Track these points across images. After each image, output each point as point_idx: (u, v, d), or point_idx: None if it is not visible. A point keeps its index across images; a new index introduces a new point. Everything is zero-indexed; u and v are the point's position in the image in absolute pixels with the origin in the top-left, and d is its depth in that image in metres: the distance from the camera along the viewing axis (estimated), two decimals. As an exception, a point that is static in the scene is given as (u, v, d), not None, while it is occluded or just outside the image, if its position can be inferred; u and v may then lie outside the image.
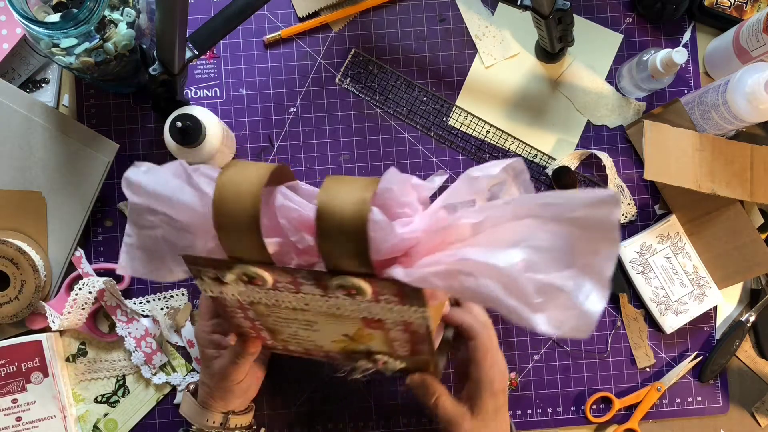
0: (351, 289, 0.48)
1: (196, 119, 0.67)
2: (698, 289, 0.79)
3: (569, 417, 0.80)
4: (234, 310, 0.56)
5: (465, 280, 0.46)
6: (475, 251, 0.47)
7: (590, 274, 0.45)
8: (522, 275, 0.45)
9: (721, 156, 0.75)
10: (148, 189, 0.52)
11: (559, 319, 0.46)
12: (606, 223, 0.44)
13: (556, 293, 0.46)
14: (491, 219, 0.48)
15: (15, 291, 0.72)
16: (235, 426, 0.66)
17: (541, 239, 0.46)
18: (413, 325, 0.51)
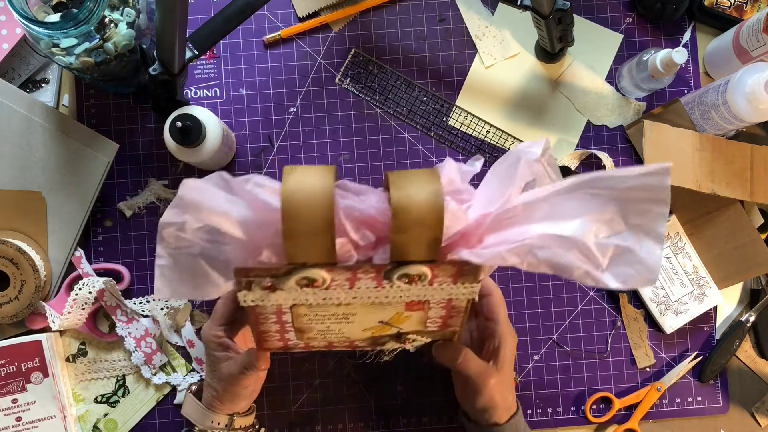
0: (414, 276, 0.51)
1: (196, 119, 0.67)
2: (698, 289, 0.79)
3: (569, 417, 0.80)
4: (267, 316, 0.56)
5: (539, 252, 0.51)
6: (542, 226, 0.52)
7: (645, 232, 0.51)
8: (590, 241, 0.51)
9: (721, 156, 0.75)
10: (202, 206, 0.51)
11: (626, 275, 0.51)
12: (658, 187, 0.50)
13: (620, 253, 0.51)
14: (546, 197, 0.52)
15: (15, 291, 0.72)
16: (239, 427, 0.66)
17: (596, 208, 0.51)
18: (455, 301, 0.55)
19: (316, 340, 0.61)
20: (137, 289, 0.78)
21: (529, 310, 0.80)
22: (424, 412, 0.79)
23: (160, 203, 0.78)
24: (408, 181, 0.49)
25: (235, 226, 0.51)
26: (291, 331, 0.59)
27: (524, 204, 0.52)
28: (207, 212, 0.50)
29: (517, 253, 0.51)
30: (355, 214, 0.51)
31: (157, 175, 0.78)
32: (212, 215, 0.51)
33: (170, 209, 0.51)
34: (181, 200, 0.51)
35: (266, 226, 0.51)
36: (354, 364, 0.78)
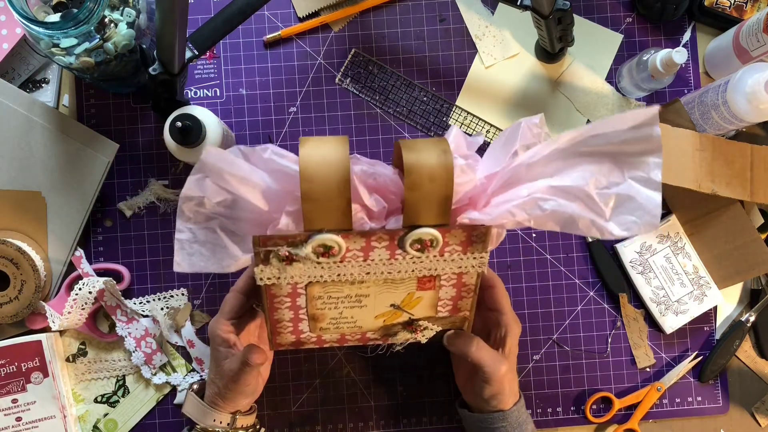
0: (426, 242, 0.53)
1: (196, 119, 0.67)
2: (698, 289, 0.79)
3: (569, 417, 0.80)
4: (282, 299, 0.57)
5: (545, 205, 0.54)
6: (545, 181, 0.55)
7: (642, 181, 0.54)
8: (591, 190, 0.54)
9: (721, 156, 0.75)
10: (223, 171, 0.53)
11: (629, 222, 0.54)
12: (649, 137, 0.52)
13: (621, 202, 0.54)
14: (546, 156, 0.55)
15: (15, 291, 0.72)
16: (240, 426, 0.66)
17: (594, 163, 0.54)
18: (465, 276, 0.57)
19: (328, 332, 0.62)
20: (137, 289, 0.78)
21: (529, 310, 0.80)
22: (424, 412, 0.79)
23: (160, 203, 0.78)
24: (418, 144, 0.53)
25: (255, 192, 0.54)
26: (304, 320, 0.60)
27: (527, 164, 0.55)
28: (228, 176, 0.53)
29: (524, 208, 0.54)
30: (368, 180, 0.54)
31: (157, 175, 0.78)
32: (233, 179, 0.53)
33: (191, 177, 0.53)
34: (203, 164, 0.53)
35: (284, 194, 0.53)
36: (354, 365, 0.78)
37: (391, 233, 0.53)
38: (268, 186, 0.54)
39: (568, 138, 0.54)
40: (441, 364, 0.78)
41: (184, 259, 0.56)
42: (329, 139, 0.52)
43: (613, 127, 0.53)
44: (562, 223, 0.55)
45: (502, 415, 0.66)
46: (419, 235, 0.53)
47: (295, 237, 0.52)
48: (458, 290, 0.59)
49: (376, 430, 0.78)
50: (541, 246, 0.80)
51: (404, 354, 0.78)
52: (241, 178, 0.53)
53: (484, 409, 0.67)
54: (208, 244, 0.56)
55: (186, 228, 0.55)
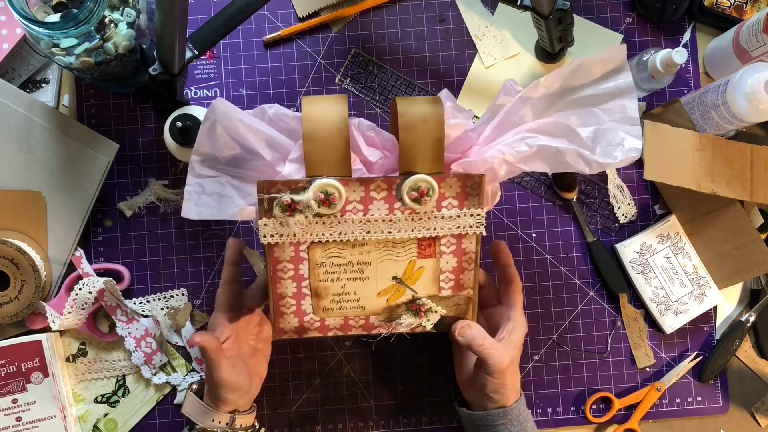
0: (422, 189, 0.56)
1: (196, 119, 0.67)
2: (698, 289, 0.79)
3: (569, 417, 0.80)
4: (285, 266, 0.59)
5: (532, 141, 0.58)
6: (530, 124, 0.60)
7: (621, 120, 0.60)
8: (575, 126, 0.59)
9: (721, 156, 0.75)
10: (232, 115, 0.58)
11: (613, 151, 0.58)
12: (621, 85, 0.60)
13: (603, 134, 0.59)
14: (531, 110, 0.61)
15: (15, 291, 0.72)
16: (240, 426, 0.66)
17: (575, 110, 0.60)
18: (465, 241, 0.59)
19: (331, 313, 0.62)
20: (137, 289, 0.78)
21: (529, 310, 0.80)
22: (424, 412, 0.79)
23: (160, 203, 0.78)
24: (412, 98, 0.59)
25: (261, 140, 0.59)
26: (307, 296, 0.61)
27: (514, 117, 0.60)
28: (236, 121, 0.58)
29: (512, 146, 0.59)
30: (367, 133, 0.60)
31: (157, 175, 0.78)
32: (241, 125, 0.58)
33: (203, 128, 0.60)
34: (214, 108, 0.58)
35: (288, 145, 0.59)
36: (354, 365, 0.78)
37: (388, 181, 0.56)
38: (273, 137, 0.59)
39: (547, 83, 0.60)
40: (441, 364, 0.78)
41: (191, 208, 0.61)
42: (329, 96, 0.58)
43: (587, 74, 0.60)
44: (550, 160, 0.59)
45: (502, 412, 0.66)
46: (415, 180, 0.56)
47: (297, 183, 0.56)
48: (459, 260, 0.60)
49: (376, 430, 0.78)
50: (541, 246, 0.80)
51: (404, 354, 0.78)
52: (248, 125, 0.58)
53: (486, 405, 0.67)
54: (215, 195, 0.61)
55: (195, 182, 0.61)
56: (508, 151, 0.58)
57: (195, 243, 0.78)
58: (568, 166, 0.59)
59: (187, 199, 0.61)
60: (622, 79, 0.59)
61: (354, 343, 0.78)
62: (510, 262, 0.69)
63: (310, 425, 0.78)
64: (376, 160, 0.60)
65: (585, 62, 0.59)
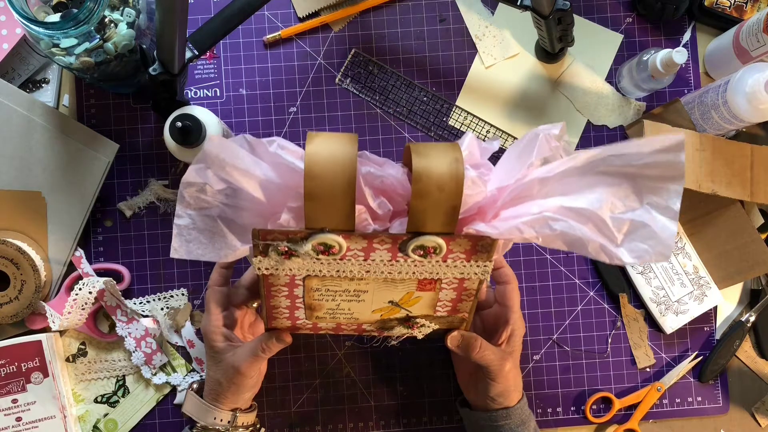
0: (429, 249, 0.52)
1: (196, 119, 0.67)
2: (698, 289, 0.79)
3: (569, 417, 0.80)
4: (279, 288, 0.57)
5: (555, 225, 0.52)
6: (557, 200, 0.53)
7: (660, 208, 0.52)
8: (605, 215, 0.52)
9: (721, 156, 0.75)
10: (225, 162, 0.52)
11: (641, 250, 0.52)
12: (673, 163, 0.51)
13: (635, 228, 0.52)
14: (562, 173, 0.53)
15: (15, 291, 0.72)
16: (241, 424, 0.66)
17: (611, 185, 0.52)
18: (467, 282, 0.56)
19: (324, 321, 0.61)
20: (137, 289, 0.78)
21: (529, 310, 0.80)
22: (424, 412, 0.79)
23: (160, 203, 0.78)
24: (429, 151, 0.51)
25: (256, 186, 0.52)
26: (301, 308, 0.59)
27: (540, 179, 0.53)
28: (230, 168, 0.51)
29: (533, 226, 0.52)
30: (375, 182, 0.53)
31: (157, 175, 0.78)
32: (235, 172, 0.52)
33: (193, 166, 0.52)
34: (206, 155, 0.52)
35: (287, 189, 0.52)
36: (354, 365, 0.78)
37: (393, 237, 0.52)
38: (271, 180, 0.53)
39: (586, 157, 0.52)
40: (441, 364, 0.78)
41: (181, 245, 0.55)
42: (337, 137, 0.50)
43: (635, 149, 0.51)
44: (571, 244, 0.53)
45: (505, 412, 0.66)
46: (423, 241, 0.51)
47: (296, 234, 0.51)
48: (458, 293, 0.58)
49: (376, 430, 0.78)
50: (541, 246, 0.80)
51: (404, 354, 0.78)
52: (243, 170, 0.52)
53: (489, 407, 0.67)
54: (206, 231, 0.55)
55: (185, 214, 0.54)
56: (527, 231, 0.52)
57: (195, 243, 0.78)
58: (587, 253, 0.53)
59: (177, 234, 0.55)
60: (674, 159, 0.51)
61: (354, 343, 0.78)
62: (503, 263, 0.68)
63: (310, 425, 0.78)
64: (382, 213, 0.54)
65: (636, 141, 0.52)
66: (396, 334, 0.64)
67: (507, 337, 0.66)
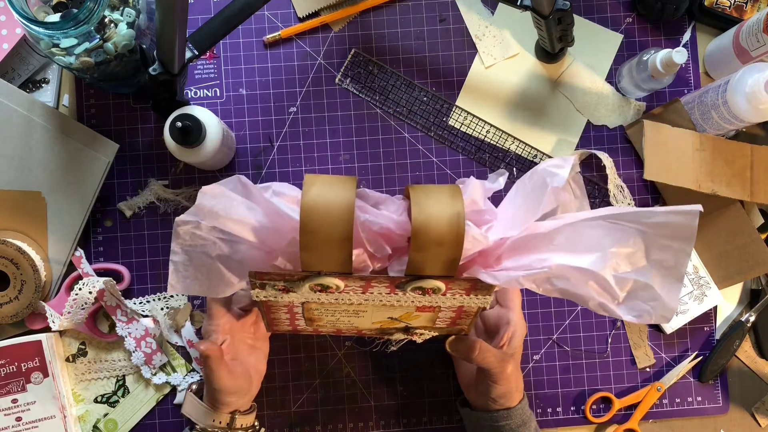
0: (428, 290, 0.51)
1: (196, 119, 0.67)
2: (698, 289, 0.79)
3: (569, 417, 0.80)
4: (279, 308, 0.57)
5: (557, 282, 0.51)
6: (561, 257, 0.51)
7: (666, 269, 0.51)
8: (608, 275, 0.51)
9: (721, 156, 0.75)
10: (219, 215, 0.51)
11: (641, 309, 0.51)
12: (685, 226, 0.50)
13: (638, 288, 0.51)
14: (569, 226, 0.52)
15: (15, 291, 0.72)
16: (240, 426, 0.66)
17: (619, 240, 0.51)
18: (466, 307, 0.55)
19: (325, 328, 0.62)
20: (137, 289, 0.78)
21: (529, 310, 0.79)
22: (424, 412, 0.79)
23: (160, 203, 0.78)
24: (429, 199, 0.49)
25: (250, 232, 0.52)
26: (301, 320, 0.60)
27: (545, 233, 0.52)
28: (224, 220, 0.51)
29: (534, 281, 0.52)
30: (373, 228, 0.52)
31: (157, 175, 0.78)
32: (229, 222, 0.51)
33: (186, 215, 0.53)
34: (199, 209, 0.52)
35: (283, 234, 0.52)
36: (354, 365, 0.78)
37: (392, 279, 0.51)
38: (266, 227, 0.52)
39: (593, 214, 0.51)
40: (441, 364, 0.78)
41: (178, 281, 0.55)
42: (335, 182, 0.49)
43: (648, 209, 0.50)
44: (571, 297, 0.53)
45: (506, 413, 0.66)
46: (421, 284, 0.51)
47: (293, 275, 0.51)
48: (458, 314, 0.58)
49: (376, 430, 0.78)
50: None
51: (404, 354, 0.78)
52: (236, 220, 0.52)
53: (490, 407, 0.67)
54: (203, 268, 0.55)
55: (181, 250, 0.54)
56: (527, 284, 0.52)
57: (195, 243, 0.78)
58: (586, 306, 0.53)
59: (174, 270, 0.55)
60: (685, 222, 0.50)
61: (354, 343, 0.78)
62: None
63: (310, 425, 0.78)
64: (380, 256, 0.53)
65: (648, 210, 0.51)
66: (396, 339, 0.65)
67: (508, 339, 0.66)
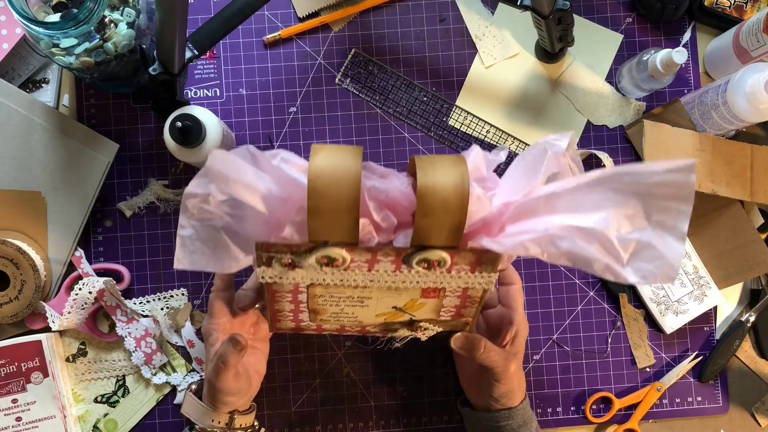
0: (434, 262, 0.52)
1: (196, 119, 0.67)
2: (698, 289, 0.79)
3: (569, 417, 0.80)
4: (284, 294, 0.57)
5: (561, 243, 0.52)
6: (564, 218, 0.52)
7: (668, 229, 0.51)
8: (612, 234, 0.51)
9: (721, 156, 0.75)
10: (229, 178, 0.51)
11: (646, 270, 0.52)
12: (683, 184, 0.50)
13: (641, 248, 0.52)
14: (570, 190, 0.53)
15: (15, 291, 0.72)
16: (239, 426, 0.66)
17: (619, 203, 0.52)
18: (471, 290, 0.56)
19: (328, 323, 0.62)
20: (137, 289, 0.78)
21: (529, 310, 0.80)
22: (424, 412, 0.79)
23: (160, 203, 0.78)
24: (434, 166, 0.50)
25: (259, 200, 0.52)
26: (305, 312, 0.60)
27: (547, 195, 0.53)
28: (233, 183, 0.51)
29: (539, 243, 0.52)
30: (380, 196, 0.52)
31: (157, 175, 0.78)
32: (238, 187, 0.52)
33: (196, 179, 0.52)
34: (209, 170, 0.51)
35: (291, 202, 0.52)
36: (354, 365, 0.78)
37: (398, 251, 0.52)
38: (274, 194, 0.53)
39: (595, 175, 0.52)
40: (441, 364, 0.78)
41: (185, 255, 0.55)
42: (342, 150, 0.50)
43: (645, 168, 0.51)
44: (576, 261, 0.53)
45: (507, 413, 0.66)
46: (427, 255, 0.52)
47: (299, 247, 0.51)
48: (462, 300, 0.58)
49: (376, 430, 0.78)
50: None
51: (404, 354, 0.78)
52: (245, 185, 0.52)
53: (492, 407, 0.67)
54: (210, 242, 0.55)
55: (189, 224, 0.54)
56: (533, 248, 0.52)
57: (195, 243, 0.78)
58: (592, 271, 0.53)
59: (181, 244, 0.54)
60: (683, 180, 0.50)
61: (354, 343, 0.78)
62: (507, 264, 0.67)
63: (310, 425, 0.78)
64: (386, 226, 0.54)
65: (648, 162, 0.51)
66: (400, 336, 0.65)
67: (511, 338, 0.66)
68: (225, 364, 0.61)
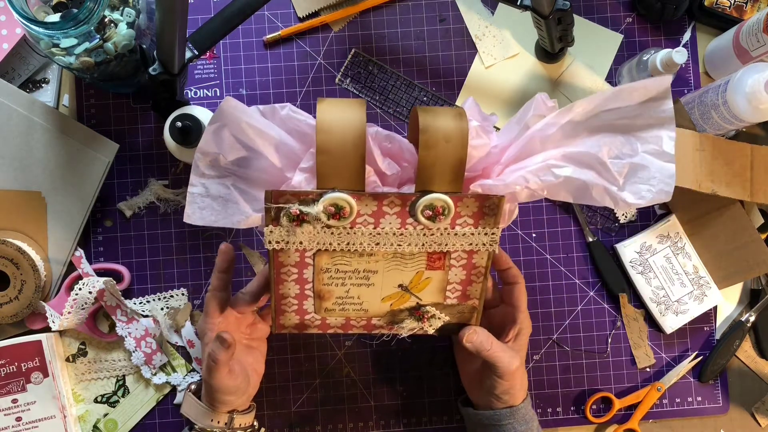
0: (437, 209, 0.54)
1: (196, 119, 0.67)
2: (698, 289, 0.79)
3: (569, 417, 0.80)
4: (289, 269, 0.58)
5: (559, 171, 0.55)
6: (559, 150, 0.56)
7: (655, 154, 0.56)
8: (606, 159, 0.55)
9: (721, 156, 0.75)
10: (240, 119, 0.54)
11: (642, 191, 0.55)
12: (662, 111, 0.55)
13: (634, 170, 0.55)
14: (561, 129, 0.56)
15: (15, 291, 0.72)
16: (239, 426, 0.66)
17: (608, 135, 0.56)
18: (476, 257, 0.58)
19: (333, 314, 0.62)
20: (137, 289, 0.78)
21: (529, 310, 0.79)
22: (424, 412, 0.79)
23: (160, 203, 0.78)
24: (435, 109, 0.55)
25: (271, 147, 0.55)
26: (310, 297, 0.60)
27: (541, 137, 0.56)
28: (246, 126, 0.54)
29: (537, 174, 0.55)
30: (384, 142, 0.56)
31: (157, 175, 0.78)
32: (250, 130, 0.54)
33: (210, 127, 0.55)
34: (221, 112, 0.54)
35: (299, 152, 0.55)
36: (354, 365, 0.78)
37: (403, 197, 0.54)
38: (284, 142, 0.55)
39: (581, 109, 0.55)
40: (441, 364, 0.78)
41: (194, 211, 0.57)
42: (347, 100, 0.54)
43: (625, 101, 0.54)
44: (576, 192, 0.56)
45: (509, 411, 0.66)
46: (431, 200, 0.53)
47: (308, 194, 0.53)
48: (468, 273, 0.59)
49: (376, 430, 0.78)
50: (541, 246, 0.80)
51: (404, 354, 0.78)
52: (257, 129, 0.54)
53: (493, 405, 0.67)
54: (219, 199, 0.57)
55: (199, 182, 0.57)
56: (532, 179, 0.55)
57: (195, 243, 0.78)
58: (592, 200, 0.56)
59: (191, 201, 0.57)
60: (662, 108, 0.55)
61: (354, 343, 0.78)
62: (509, 263, 0.69)
63: (310, 425, 0.78)
64: (391, 173, 0.56)
65: (625, 88, 0.55)
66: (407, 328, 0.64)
67: (514, 336, 0.67)
68: (215, 362, 0.62)
